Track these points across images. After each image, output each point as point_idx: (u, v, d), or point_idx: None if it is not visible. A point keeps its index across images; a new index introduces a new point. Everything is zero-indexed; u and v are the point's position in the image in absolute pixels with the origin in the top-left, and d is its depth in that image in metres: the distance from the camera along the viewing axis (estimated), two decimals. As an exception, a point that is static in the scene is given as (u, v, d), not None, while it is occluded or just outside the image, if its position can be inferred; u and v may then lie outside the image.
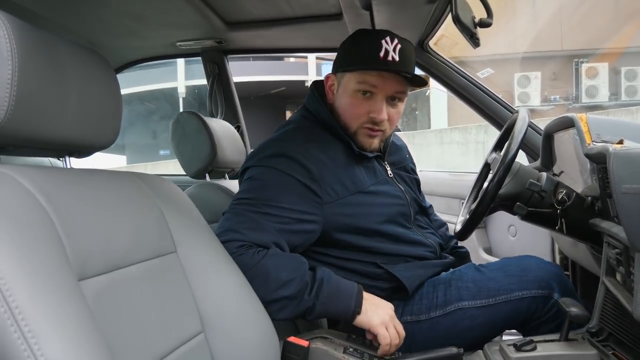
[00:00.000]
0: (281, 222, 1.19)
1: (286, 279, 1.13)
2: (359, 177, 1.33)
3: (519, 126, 1.31)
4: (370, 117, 1.30)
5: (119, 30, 1.85)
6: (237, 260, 1.12)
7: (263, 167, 1.26)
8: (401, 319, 1.29)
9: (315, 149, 1.28)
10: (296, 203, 1.22)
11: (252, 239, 1.15)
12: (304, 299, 1.13)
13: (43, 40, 0.80)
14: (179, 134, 1.85)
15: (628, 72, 11.25)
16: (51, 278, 0.64)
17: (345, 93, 1.32)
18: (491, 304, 1.27)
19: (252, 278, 1.11)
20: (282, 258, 1.16)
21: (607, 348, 1.08)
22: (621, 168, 0.95)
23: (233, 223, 1.18)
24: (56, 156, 0.95)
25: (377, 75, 1.27)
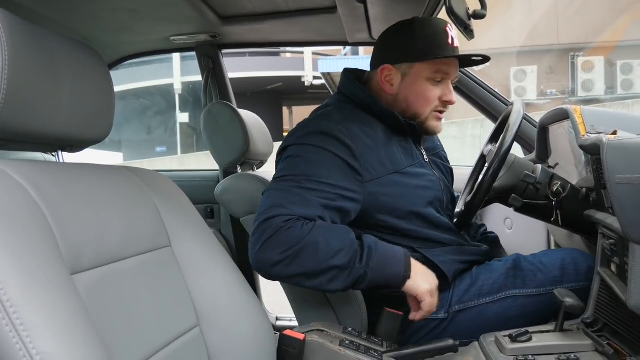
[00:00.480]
0: (324, 198, 1.18)
1: (337, 248, 1.12)
2: (397, 157, 1.33)
3: (513, 118, 1.32)
4: (442, 102, 1.36)
5: (112, 26, 1.84)
6: (285, 234, 1.10)
7: (303, 145, 1.25)
8: (450, 309, 1.31)
9: (355, 127, 1.29)
10: (338, 179, 1.21)
11: (298, 213, 1.14)
12: (355, 268, 1.13)
13: (34, 34, 0.80)
14: (211, 124, 1.83)
15: (624, 65, 11.26)
16: (43, 271, 0.63)
17: (416, 83, 1.34)
18: (542, 293, 1.28)
19: (300, 250, 1.10)
20: (330, 229, 1.15)
21: (602, 338, 1.08)
22: (615, 158, 0.96)
23: (276, 199, 1.16)
24: (49, 151, 0.94)
25: (449, 63, 1.34)
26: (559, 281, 1.28)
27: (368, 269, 1.14)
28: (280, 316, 2.40)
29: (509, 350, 1.07)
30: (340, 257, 1.12)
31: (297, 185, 1.18)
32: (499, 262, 1.38)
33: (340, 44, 2.08)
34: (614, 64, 11.34)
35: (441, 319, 1.30)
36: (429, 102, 1.35)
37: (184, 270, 0.99)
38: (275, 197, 1.17)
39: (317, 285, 1.13)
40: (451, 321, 1.30)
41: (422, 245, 1.33)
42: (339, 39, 1.97)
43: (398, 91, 1.36)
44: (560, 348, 1.06)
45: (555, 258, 1.34)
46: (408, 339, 1.32)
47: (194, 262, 1.01)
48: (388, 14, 1.62)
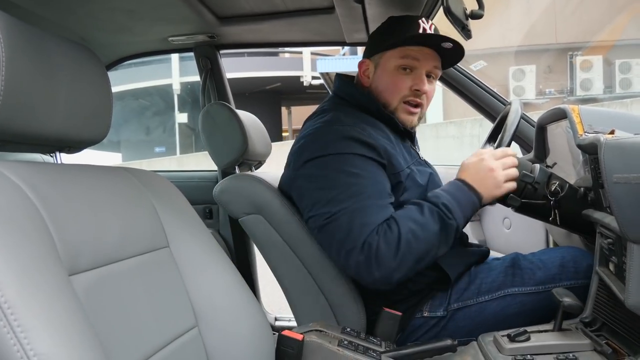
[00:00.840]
0: (379, 198, 1.22)
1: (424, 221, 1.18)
2: (404, 153, 1.36)
3: (511, 118, 1.32)
4: (412, 91, 1.36)
5: (110, 26, 1.84)
6: (384, 244, 1.15)
7: (330, 155, 1.26)
8: (449, 307, 1.31)
9: (367, 127, 1.31)
10: (379, 178, 1.26)
11: (381, 220, 1.18)
12: (449, 224, 1.19)
13: (31, 35, 0.79)
14: (209, 125, 1.83)
15: (622, 64, 11.27)
16: (41, 273, 0.63)
17: (385, 72, 1.37)
18: (541, 291, 1.28)
19: (404, 244, 1.15)
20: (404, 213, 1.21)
21: (601, 338, 1.08)
22: (612, 158, 0.96)
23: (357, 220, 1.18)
24: (47, 152, 0.94)
25: (418, 50, 1.34)
26: (558, 279, 1.28)
27: (457, 217, 1.20)
28: (279, 316, 2.40)
29: (507, 349, 1.07)
30: (432, 224, 1.18)
31: (357, 201, 1.20)
32: (497, 260, 1.39)
33: (338, 44, 2.08)
34: (612, 63, 11.35)
35: (440, 317, 1.31)
36: (398, 90, 1.36)
37: (182, 270, 0.99)
38: (349, 223, 1.18)
39: (433, 258, 1.20)
40: (450, 319, 1.30)
41: None
42: (337, 39, 1.97)
43: (372, 81, 1.40)
44: (558, 347, 1.06)
45: (555, 256, 1.34)
46: (407, 337, 1.32)
47: (192, 263, 1.00)
48: (385, 14, 1.62)
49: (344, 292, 1.35)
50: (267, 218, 1.40)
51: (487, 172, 1.24)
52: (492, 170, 1.24)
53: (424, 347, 1.15)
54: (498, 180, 1.24)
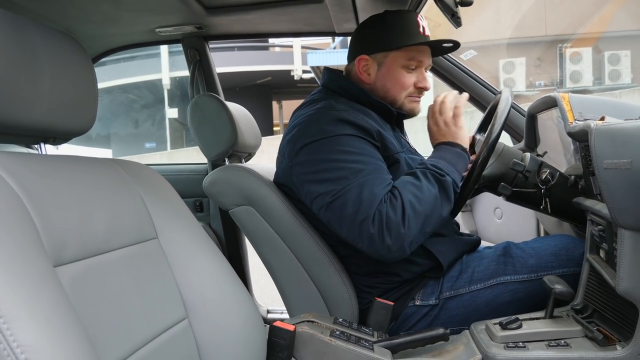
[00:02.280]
0: (378, 172, 1.24)
1: (421, 184, 1.22)
2: (394, 141, 1.38)
3: (502, 107, 1.31)
4: (417, 88, 1.44)
5: (96, 17, 1.81)
6: (391, 213, 1.17)
7: (327, 138, 1.27)
8: (441, 295, 1.32)
9: (359, 112, 1.33)
10: (375, 155, 1.28)
11: (384, 192, 1.20)
12: (446, 181, 1.23)
13: (14, 23, 0.78)
14: (198, 117, 1.81)
15: (611, 56, 11.32)
16: (24, 263, 0.62)
17: (392, 71, 1.41)
18: (532, 279, 1.29)
19: (408, 209, 1.18)
20: (403, 181, 1.24)
21: (592, 324, 1.08)
22: (602, 144, 0.95)
23: (360, 194, 1.19)
24: (30, 143, 0.92)
25: (421, 51, 1.41)
26: (550, 267, 1.29)
27: (451, 174, 1.25)
28: (272, 309, 2.39)
29: (499, 337, 1.08)
30: (429, 185, 1.22)
31: (361, 176, 1.21)
32: (489, 249, 1.39)
33: (328, 35, 2.06)
34: (601, 54, 11.40)
35: (432, 306, 1.31)
36: (405, 87, 1.41)
37: (171, 262, 0.97)
38: (358, 196, 1.19)
39: (438, 219, 1.23)
40: (442, 308, 1.31)
41: None
42: (326, 29, 1.95)
43: (375, 79, 1.42)
44: (550, 334, 1.07)
45: (548, 244, 1.35)
46: (399, 326, 1.32)
47: (181, 254, 0.99)
48: (375, 4, 1.61)
49: (335, 283, 1.34)
50: (258, 209, 1.39)
51: (448, 127, 1.35)
52: (447, 124, 1.36)
53: (417, 337, 1.15)
54: (458, 125, 1.36)
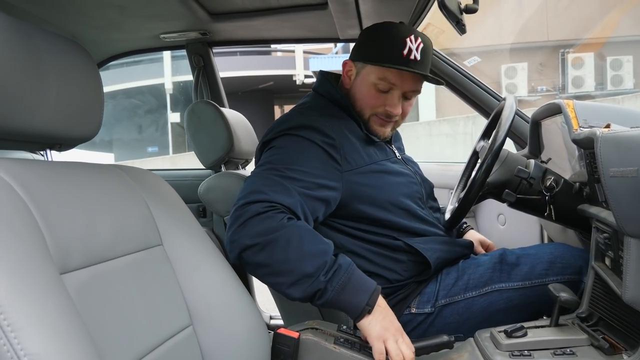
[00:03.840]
0: (305, 187, 1.18)
1: (307, 252, 1.08)
2: (372, 151, 1.35)
3: (506, 113, 1.31)
4: (385, 110, 1.35)
5: (102, 23, 1.82)
6: (262, 220, 1.07)
7: (284, 136, 1.27)
8: (437, 303, 1.30)
9: (333, 120, 1.31)
10: (318, 169, 1.22)
11: (279, 200, 1.12)
12: (319, 279, 1.06)
13: (20, 30, 0.78)
14: (194, 124, 1.81)
15: (613, 61, 11.32)
16: (31, 272, 0.62)
17: (363, 83, 1.36)
18: (527, 286, 1.28)
19: (272, 241, 1.06)
20: (308, 232, 1.12)
21: (598, 333, 1.08)
22: (608, 151, 0.95)
23: (258, 185, 1.14)
24: (37, 149, 0.93)
25: (396, 74, 1.31)
26: (545, 274, 1.28)
27: (329, 286, 1.07)
28: (274, 315, 2.39)
29: (504, 345, 1.07)
30: (308, 263, 1.07)
31: (278, 174, 1.17)
32: (485, 256, 1.39)
33: (332, 41, 2.07)
34: (604, 60, 11.40)
35: (427, 314, 1.30)
36: (371, 106, 1.36)
37: (175, 269, 0.97)
38: (256, 184, 1.15)
39: (278, 284, 1.08)
40: (437, 315, 1.30)
41: (403, 235, 1.33)
42: (330, 35, 1.96)
43: (353, 85, 1.40)
44: (555, 343, 1.06)
45: (544, 252, 1.34)
46: None
47: (186, 261, 0.99)
48: (379, 10, 1.61)
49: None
50: None
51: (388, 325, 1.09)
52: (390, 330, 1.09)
53: (421, 344, 1.14)
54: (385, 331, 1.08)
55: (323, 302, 1.08)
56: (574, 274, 1.28)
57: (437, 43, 1.97)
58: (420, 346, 1.13)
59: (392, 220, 1.32)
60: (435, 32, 1.97)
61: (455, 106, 9.23)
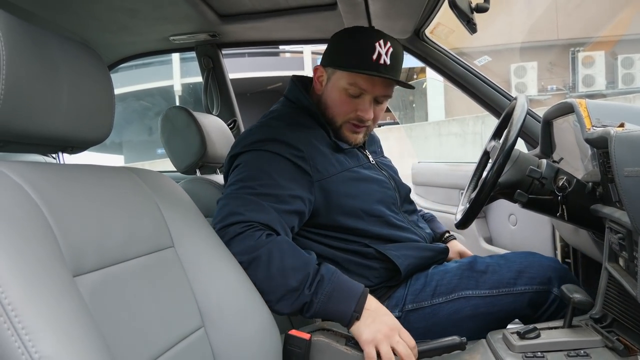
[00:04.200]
0: (278, 202, 1.19)
1: (289, 267, 1.08)
2: (342, 159, 1.36)
3: (517, 113, 1.30)
4: (357, 116, 1.35)
5: (112, 26, 1.83)
6: (241, 240, 1.09)
7: (252, 152, 1.27)
8: (404, 307, 1.30)
9: (300, 131, 1.32)
10: (289, 181, 1.23)
11: (256, 219, 1.13)
12: (304, 293, 1.07)
13: (33, 34, 0.79)
14: (168, 129, 1.82)
15: (625, 59, 11.21)
16: (45, 274, 0.62)
17: (334, 89, 1.36)
18: (494, 294, 1.28)
19: (253, 260, 1.08)
20: (289, 246, 1.12)
21: (612, 334, 1.07)
22: (623, 151, 0.94)
23: (232, 207, 1.15)
24: (49, 152, 0.93)
25: (367, 79, 1.31)
26: (513, 283, 1.28)
27: (315, 298, 1.07)
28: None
29: (517, 347, 1.06)
30: (291, 277, 1.07)
31: (251, 192, 1.18)
32: (455, 263, 1.39)
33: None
34: (616, 58, 11.30)
35: (395, 317, 1.30)
36: (342, 112, 1.36)
37: (187, 271, 0.97)
38: (231, 205, 1.16)
39: (267, 301, 1.08)
40: (404, 320, 1.30)
41: (376, 242, 1.33)
42: (339, 36, 1.95)
43: (324, 91, 1.40)
44: (569, 344, 1.05)
45: (513, 261, 1.34)
46: None
47: (198, 263, 0.99)
48: (388, 10, 1.61)
49: None
50: None
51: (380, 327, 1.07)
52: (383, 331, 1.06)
53: (432, 345, 1.13)
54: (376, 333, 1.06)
55: (312, 315, 1.09)
56: (541, 284, 1.27)
57: (447, 43, 1.97)
58: (432, 348, 1.13)
59: (365, 229, 1.32)
60: (445, 31, 1.96)
61: (464, 106, 9.19)
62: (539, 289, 1.27)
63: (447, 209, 2.44)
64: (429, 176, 2.69)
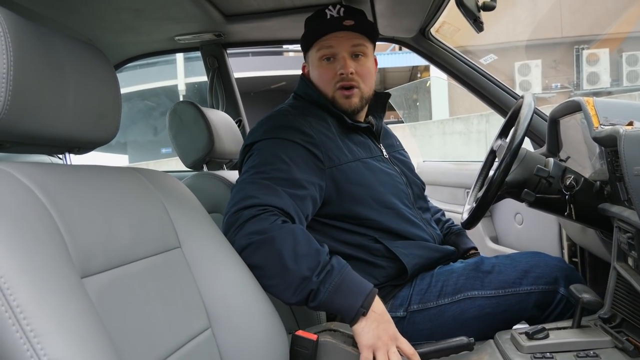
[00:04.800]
0: (292, 187, 1.19)
1: (300, 253, 1.07)
2: (354, 149, 1.37)
3: (524, 112, 1.29)
4: (339, 76, 1.39)
5: (117, 26, 1.83)
6: (257, 222, 1.09)
7: (265, 140, 1.29)
8: (409, 307, 1.29)
9: (313, 120, 1.35)
10: (302, 167, 1.24)
11: (271, 203, 1.13)
12: (312, 280, 1.05)
13: (39, 34, 0.78)
14: (176, 124, 1.82)
15: (629, 57, 11.17)
16: (53, 275, 0.62)
17: (313, 67, 1.44)
18: (500, 295, 1.27)
19: (265, 241, 1.07)
20: (302, 233, 1.11)
21: (621, 334, 1.06)
22: (633, 150, 0.93)
23: (248, 191, 1.16)
24: (56, 153, 0.93)
25: (331, 37, 1.39)
26: (518, 283, 1.27)
27: (322, 287, 1.05)
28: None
29: (526, 347, 1.05)
30: (301, 264, 1.06)
31: (265, 177, 1.19)
32: (460, 263, 1.38)
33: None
34: (621, 56, 11.25)
35: (399, 318, 1.30)
36: (327, 79, 1.41)
37: (194, 271, 0.97)
38: (246, 190, 1.17)
39: (273, 286, 1.08)
40: (409, 320, 1.29)
41: (386, 237, 1.33)
42: (345, 35, 1.95)
43: (313, 78, 1.46)
44: (578, 345, 1.04)
45: (519, 261, 1.33)
46: None
47: (204, 263, 0.99)
48: (394, 8, 1.60)
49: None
50: None
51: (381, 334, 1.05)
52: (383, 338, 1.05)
53: (440, 346, 1.13)
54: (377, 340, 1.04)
55: (317, 304, 1.06)
56: (548, 284, 1.26)
57: (452, 41, 1.96)
58: (439, 348, 1.12)
59: (376, 219, 1.32)
60: (450, 30, 1.96)
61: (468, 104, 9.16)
62: (545, 289, 1.26)
63: (453, 208, 2.43)
64: (435, 175, 2.68)
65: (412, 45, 1.92)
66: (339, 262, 1.11)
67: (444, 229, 1.64)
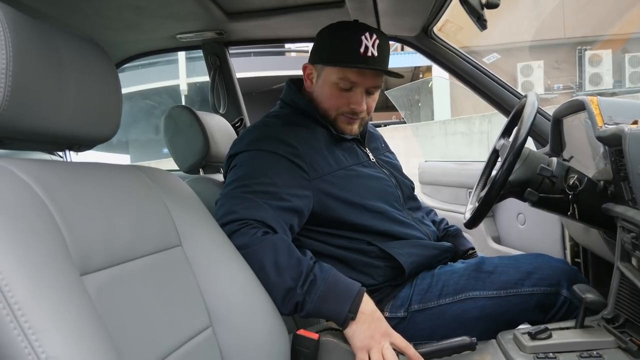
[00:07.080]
0: (275, 199, 1.19)
1: (282, 266, 1.07)
2: (340, 157, 1.37)
3: (527, 111, 1.29)
4: (350, 108, 1.37)
5: (118, 24, 1.82)
6: (235, 238, 1.10)
7: (248, 152, 1.29)
8: (409, 307, 1.29)
9: (297, 130, 1.34)
10: (286, 180, 1.23)
11: (252, 217, 1.14)
12: (296, 292, 1.06)
13: (39, 30, 0.78)
14: (171, 128, 1.82)
15: (632, 58, 11.14)
16: (52, 273, 0.62)
17: (325, 85, 1.38)
18: (502, 295, 1.26)
19: (247, 257, 1.08)
20: (283, 245, 1.12)
21: (625, 334, 1.05)
22: (638, 149, 0.93)
23: (228, 206, 1.16)
24: (55, 149, 0.93)
25: (357, 72, 1.33)
26: (520, 284, 1.26)
27: (308, 297, 1.06)
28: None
29: (528, 347, 1.05)
30: (284, 276, 1.07)
31: (247, 190, 1.19)
32: (462, 263, 1.38)
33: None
34: (624, 57, 11.23)
35: (400, 318, 1.29)
36: (335, 106, 1.38)
37: (195, 270, 0.97)
38: (227, 205, 1.17)
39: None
40: (410, 320, 1.29)
41: (378, 239, 1.32)
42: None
43: (315, 88, 1.42)
44: (582, 345, 1.04)
45: (522, 262, 1.32)
46: None
47: (205, 262, 0.99)
48: (396, 7, 1.60)
49: None
50: None
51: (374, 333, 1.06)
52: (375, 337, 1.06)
53: (442, 346, 1.12)
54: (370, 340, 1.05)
55: (306, 314, 1.07)
56: (550, 286, 1.26)
57: (455, 40, 1.95)
58: (442, 348, 1.12)
59: (366, 224, 1.32)
60: (453, 29, 1.95)
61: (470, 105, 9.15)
62: (547, 291, 1.26)
63: (455, 208, 2.43)
64: (436, 175, 2.68)
65: (415, 44, 1.91)
66: (322, 269, 1.11)
67: (441, 231, 1.63)
